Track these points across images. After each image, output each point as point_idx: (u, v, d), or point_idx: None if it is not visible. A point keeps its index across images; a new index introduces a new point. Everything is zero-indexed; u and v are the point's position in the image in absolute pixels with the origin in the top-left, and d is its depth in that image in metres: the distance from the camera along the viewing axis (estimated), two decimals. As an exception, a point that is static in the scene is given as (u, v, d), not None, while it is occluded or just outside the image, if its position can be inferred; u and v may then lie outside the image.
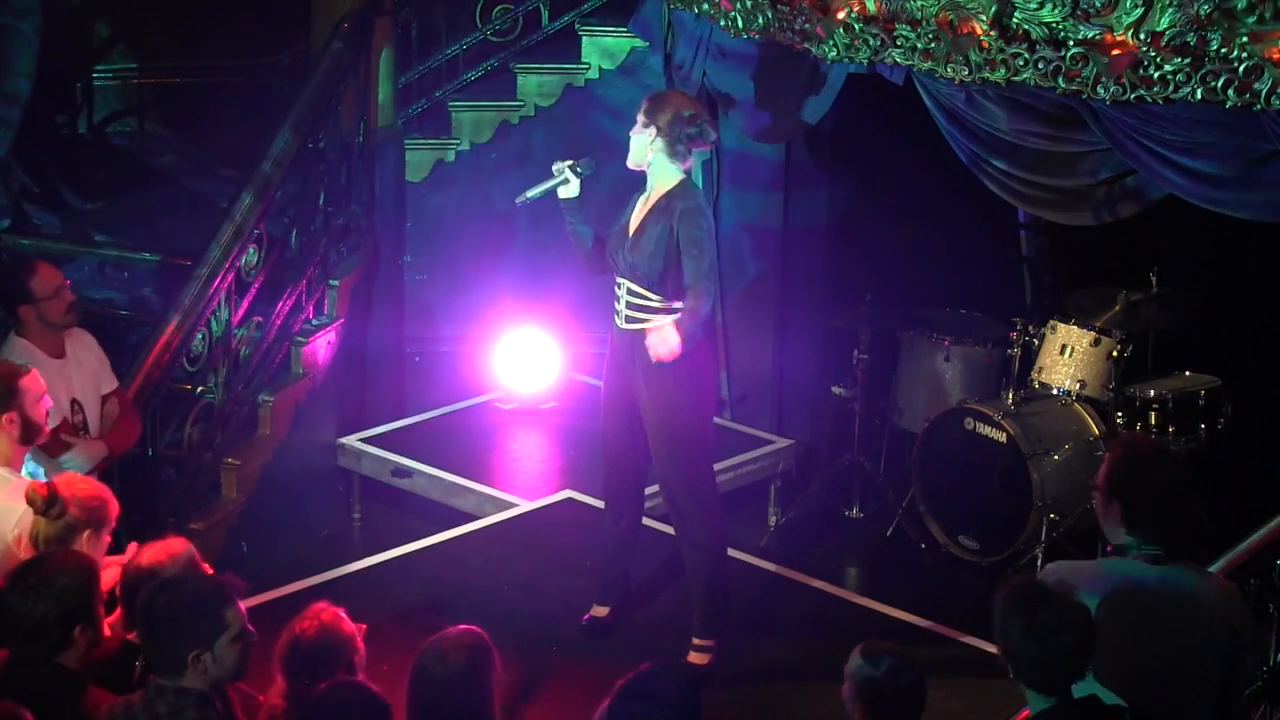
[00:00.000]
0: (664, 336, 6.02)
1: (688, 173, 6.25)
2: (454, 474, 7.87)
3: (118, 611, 4.81)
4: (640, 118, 6.20)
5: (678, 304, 6.13)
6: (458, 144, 8.94)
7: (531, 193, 6.34)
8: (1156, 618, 4.40)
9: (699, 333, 6.11)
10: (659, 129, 6.14)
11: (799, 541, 7.85)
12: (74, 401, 6.29)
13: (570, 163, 6.30)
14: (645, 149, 6.18)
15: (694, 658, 6.37)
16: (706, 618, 6.41)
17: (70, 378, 6.31)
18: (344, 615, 4.69)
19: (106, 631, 4.66)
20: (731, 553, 6.69)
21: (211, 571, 4.84)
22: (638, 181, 6.33)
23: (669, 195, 6.19)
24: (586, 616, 6.65)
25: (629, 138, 6.25)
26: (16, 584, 4.50)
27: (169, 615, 4.20)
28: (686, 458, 6.31)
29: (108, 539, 5.03)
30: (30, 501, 4.91)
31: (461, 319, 8.85)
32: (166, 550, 4.76)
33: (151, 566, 4.69)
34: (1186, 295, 7.65)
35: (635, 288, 6.20)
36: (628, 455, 6.47)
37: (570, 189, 6.29)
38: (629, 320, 6.24)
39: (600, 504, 6.76)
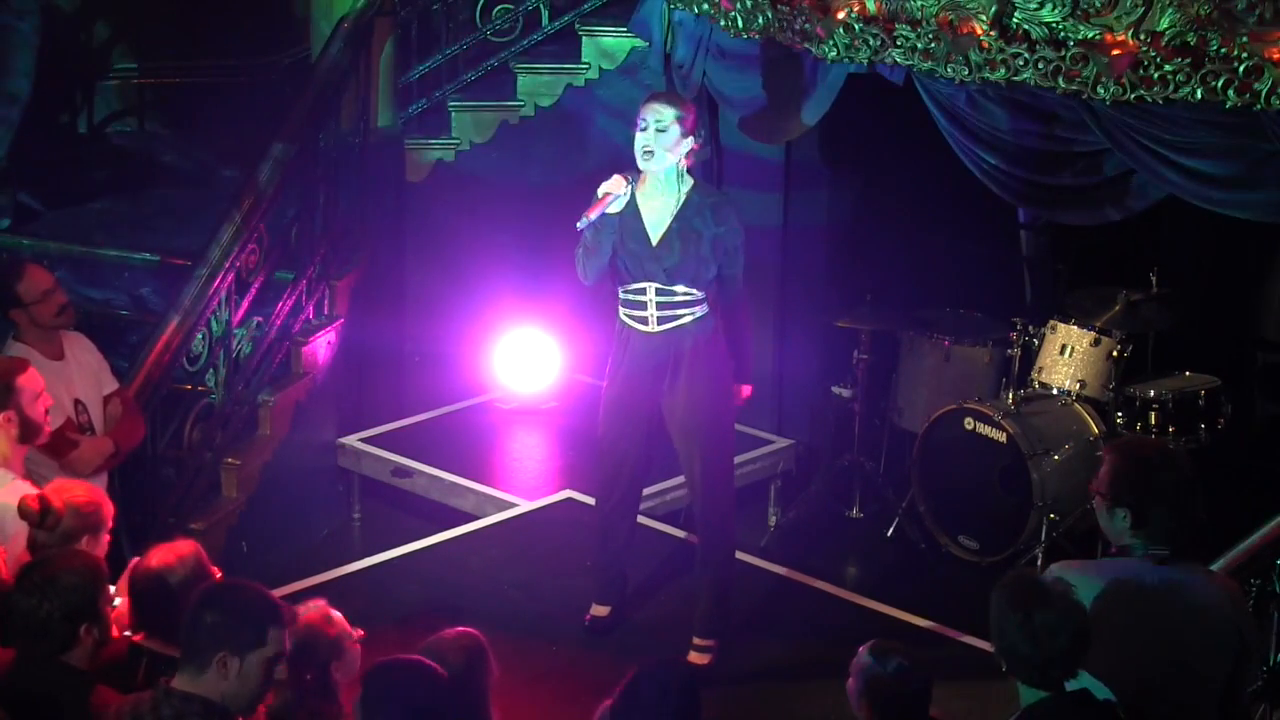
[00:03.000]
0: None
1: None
2: (454, 474, 7.86)
3: (121, 610, 4.80)
4: (673, 121, 6.04)
5: (703, 293, 6.17)
6: (458, 144, 8.93)
7: (594, 215, 6.05)
8: (1161, 618, 4.40)
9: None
10: (692, 131, 6.11)
11: (799, 541, 7.85)
12: (77, 402, 6.27)
13: (622, 176, 6.08)
14: (675, 155, 6.10)
15: (694, 657, 6.37)
16: (710, 618, 6.41)
17: (71, 379, 6.30)
18: (335, 616, 4.67)
19: (114, 632, 4.65)
20: (732, 553, 6.69)
21: (219, 574, 4.80)
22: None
23: (696, 195, 6.18)
24: (587, 616, 6.64)
25: (651, 145, 6.04)
26: (22, 583, 4.49)
27: (220, 608, 4.09)
28: (724, 457, 6.39)
29: (106, 540, 5.02)
30: (23, 514, 4.87)
31: (461, 319, 8.84)
32: (174, 552, 4.75)
33: (159, 569, 4.68)
34: (1186, 295, 7.65)
35: (666, 287, 6.18)
36: (635, 460, 6.46)
37: (620, 203, 6.14)
38: (662, 321, 6.22)
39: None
